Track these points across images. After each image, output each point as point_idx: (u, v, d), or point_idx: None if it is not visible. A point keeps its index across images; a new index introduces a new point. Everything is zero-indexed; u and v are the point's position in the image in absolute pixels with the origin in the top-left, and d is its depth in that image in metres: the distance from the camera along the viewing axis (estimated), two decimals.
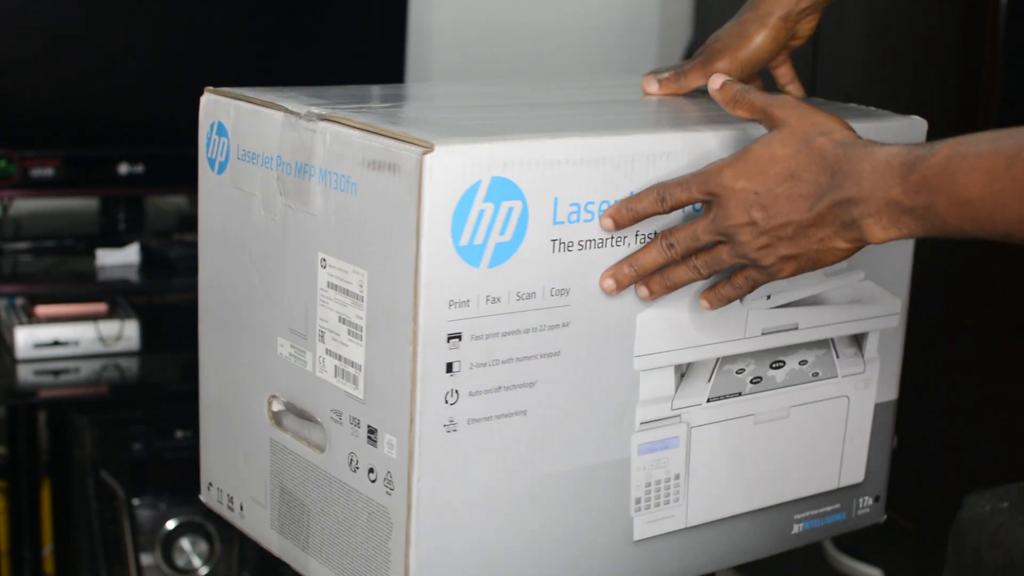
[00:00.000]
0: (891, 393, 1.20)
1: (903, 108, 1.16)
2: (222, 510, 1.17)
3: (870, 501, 1.22)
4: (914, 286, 1.18)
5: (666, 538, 1.09)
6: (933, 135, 0.96)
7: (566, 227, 0.97)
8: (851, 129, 0.96)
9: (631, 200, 0.99)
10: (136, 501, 1.95)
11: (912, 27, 1.86)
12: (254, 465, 1.11)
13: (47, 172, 2.04)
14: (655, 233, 1.01)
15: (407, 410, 0.94)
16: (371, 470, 0.99)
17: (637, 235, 1.00)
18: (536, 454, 1.00)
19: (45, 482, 2.18)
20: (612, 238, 0.99)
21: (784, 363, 1.11)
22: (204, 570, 1.98)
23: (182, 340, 2.08)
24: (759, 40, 1.14)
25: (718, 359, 1.07)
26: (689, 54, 2.54)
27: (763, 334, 1.09)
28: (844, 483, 1.19)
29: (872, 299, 1.15)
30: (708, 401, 1.08)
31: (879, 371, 1.18)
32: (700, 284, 1.03)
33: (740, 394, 1.10)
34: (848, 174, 0.93)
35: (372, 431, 0.98)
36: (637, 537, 1.07)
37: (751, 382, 1.10)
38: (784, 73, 1.22)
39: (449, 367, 0.94)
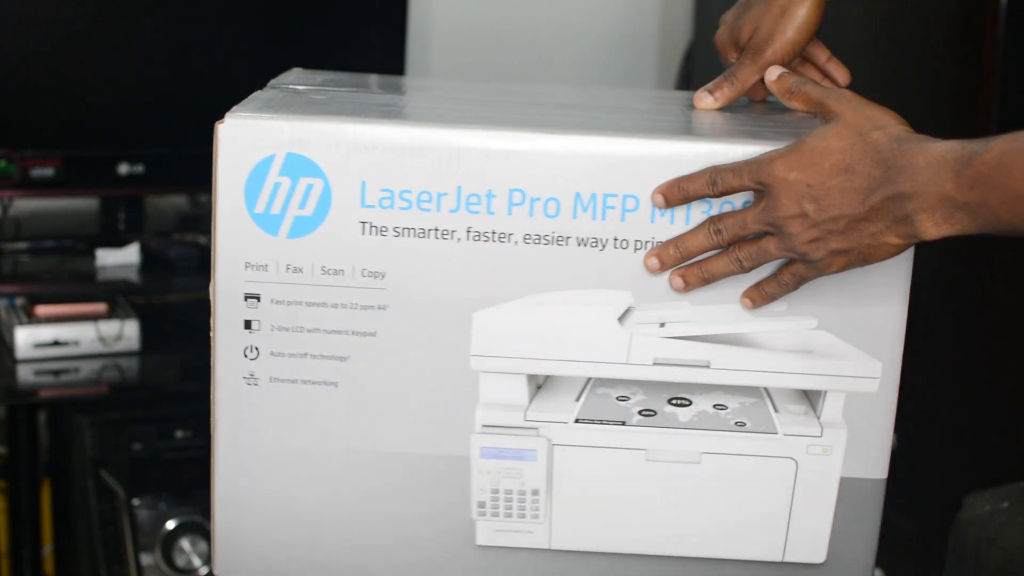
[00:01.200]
0: (872, 470, 1.06)
1: (903, 108, 1.16)
2: None
3: None
4: (913, 285, 1.14)
5: (526, 554, 1.06)
6: (933, 135, 0.95)
7: (377, 211, 0.99)
8: (906, 124, 0.96)
9: (684, 179, 0.98)
10: (136, 501, 1.95)
11: (912, 27, 1.86)
12: None
13: (47, 172, 2.03)
14: (506, 235, 0.99)
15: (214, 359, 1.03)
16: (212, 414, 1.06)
17: (469, 231, 0.99)
18: (350, 427, 1.03)
19: (45, 482, 2.17)
20: (437, 230, 0.99)
21: (690, 402, 1.04)
22: (204, 570, 1.98)
23: (182, 340, 2.09)
24: (802, 14, 1.10)
25: (589, 379, 1.04)
26: (689, 57, 2.54)
27: (656, 364, 1.02)
28: (792, 558, 1.07)
29: (831, 354, 1.03)
30: (577, 422, 1.04)
31: (847, 440, 1.05)
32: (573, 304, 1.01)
33: (624, 423, 1.04)
34: (902, 168, 0.92)
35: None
36: (481, 542, 1.06)
37: (640, 413, 1.04)
38: (820, 52, 1.16)
39: (248, 324, 1.01)
